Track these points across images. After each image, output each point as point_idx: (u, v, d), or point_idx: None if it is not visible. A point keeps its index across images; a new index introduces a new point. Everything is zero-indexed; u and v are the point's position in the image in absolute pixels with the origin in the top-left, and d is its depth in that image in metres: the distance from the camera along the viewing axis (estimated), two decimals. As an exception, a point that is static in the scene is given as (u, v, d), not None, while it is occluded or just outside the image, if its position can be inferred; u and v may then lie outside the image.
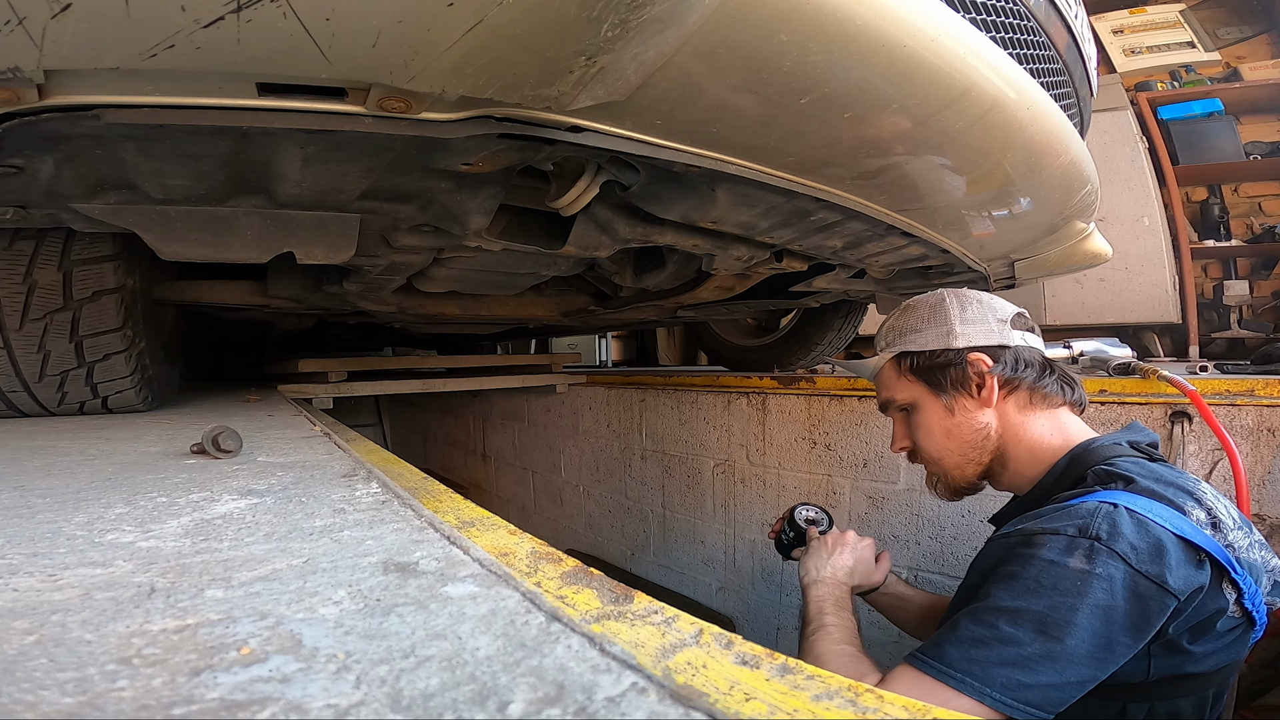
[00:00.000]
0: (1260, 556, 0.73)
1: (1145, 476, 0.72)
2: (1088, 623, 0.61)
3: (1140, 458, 0.79)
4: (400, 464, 0.84)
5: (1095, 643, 0.61)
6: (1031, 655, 0.61)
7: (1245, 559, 0.70)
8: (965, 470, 0.89)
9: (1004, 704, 0.60)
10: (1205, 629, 0.67)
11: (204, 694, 0.25)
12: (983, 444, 0.87)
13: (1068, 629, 0.61)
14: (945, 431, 0.88)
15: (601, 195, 0.83)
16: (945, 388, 0.87)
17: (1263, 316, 3.17)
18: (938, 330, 0.88)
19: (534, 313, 1.89)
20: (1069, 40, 0.92)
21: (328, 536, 0.47)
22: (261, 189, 0.72)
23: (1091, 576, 0.62)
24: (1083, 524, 0.66)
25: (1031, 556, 0.66)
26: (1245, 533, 0.73)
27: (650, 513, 2.58)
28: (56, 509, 0.55)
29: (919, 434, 0.92)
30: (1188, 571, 0.64)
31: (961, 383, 0.86)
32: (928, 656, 0.65)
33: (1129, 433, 0.85)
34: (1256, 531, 0.75)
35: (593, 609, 0.36)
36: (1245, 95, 3.29)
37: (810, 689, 0.28)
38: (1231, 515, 0.73)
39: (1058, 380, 0.87)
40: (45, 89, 0.49)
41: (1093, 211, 1.20)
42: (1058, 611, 0.62)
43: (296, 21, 0.42)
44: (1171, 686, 0.70)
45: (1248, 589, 0.68)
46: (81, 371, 1.14)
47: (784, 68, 0.56)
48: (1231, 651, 0.70)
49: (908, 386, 0.91)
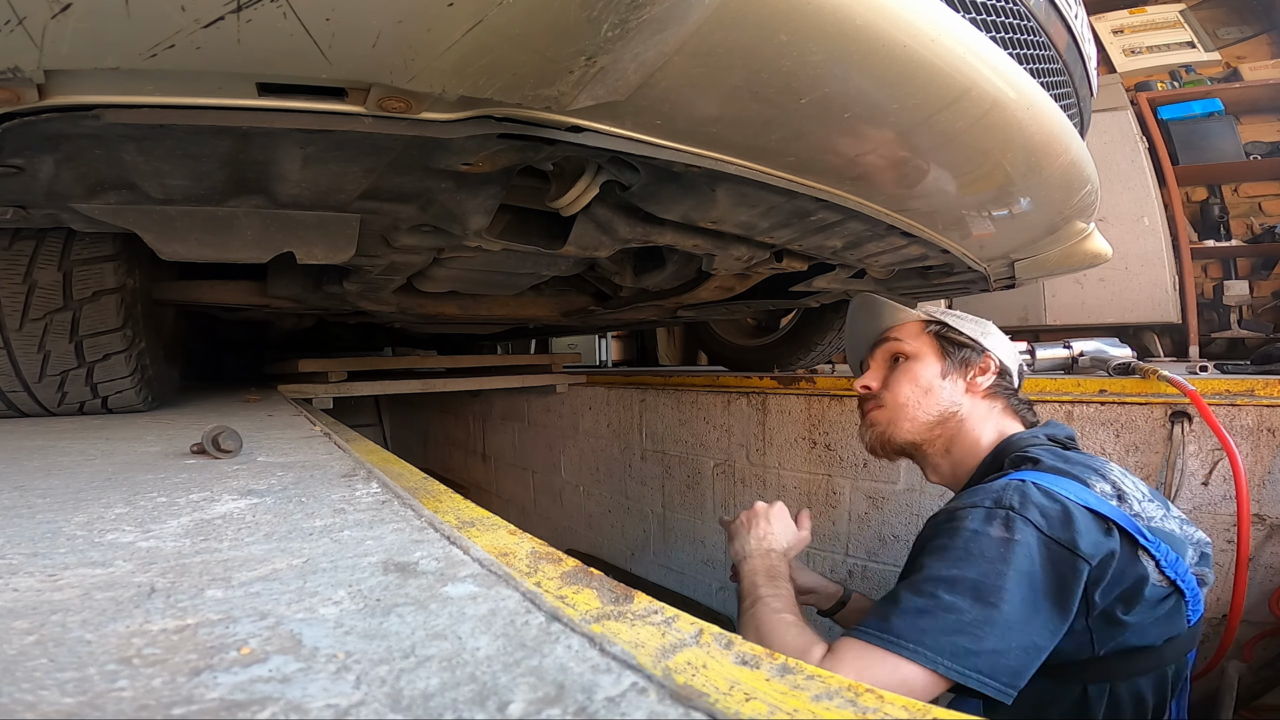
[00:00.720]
0: (1180, 529, 0.78)
1: (1053, 459, 0.81)
2: (1015, 588, 0.65)
3: (1055, 447, 0.88)
4: (400, 464, 0.84)
5: (1025, 608, 0.65)
6: (973, 622, 0.64)
7: (1160, 529, 0.75)
8: (914, 429, 0.96)
9: (956, 671, 0.63)
10: (1134, 598, 0.70)
11: (204, 694, 0.25)
12: (944, 418, 0.95)
13: (1000, 594, 0.65)
14: (926, 388, 0.95)
15: (601, 195, 0.83)
16: (954, 360, 0.96)
17: (1263, 316, 3.17)
18: (975, 329, 0.99)
19: (534, 313, 1.89)
20: (1069, 40, 0.92)
21: (328, 536, 0.47)
22: (261, 189, 0.72)
23: (1012, 543, 0.68)
24: (997, 497, 0.73)
25: (957, 529, 0.72)
26: (1159, 505, 0.80)
27: (650, 513, 2.58)
28: (56, 509, 0.55)
29: (900, 379, 0.97)
30: (1096, 538, 0.69)
31: (968, 364, 0.96)
32: (874, 629, 0.67)
33: (1047, 428, 0.94)
34: (1175, 508, 0.82)
35: (593, 609, 0.36)
36: (1245, 95, 3.29)
37: (810, 689, 0.28)
38: (1140, 490, 0.80)
39: (1025, 407, 0.99)
40: (45, 89, 0.49)
41: (1093, 211, 1.20)
42: (989, 578, 0.66)
43: (296, 21, 0.42)
44: (1125, 663, 0.73)
45: (1163, 556, 0.73)
46: (81, 371, 1.14)
47: (784, 68, 0.56)
48: (1170, 624, 0.74)
49: (921, 341, 0.98)
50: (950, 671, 0.63)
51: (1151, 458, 1.51)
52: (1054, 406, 1.63)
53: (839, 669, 0.62)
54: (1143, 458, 1.53)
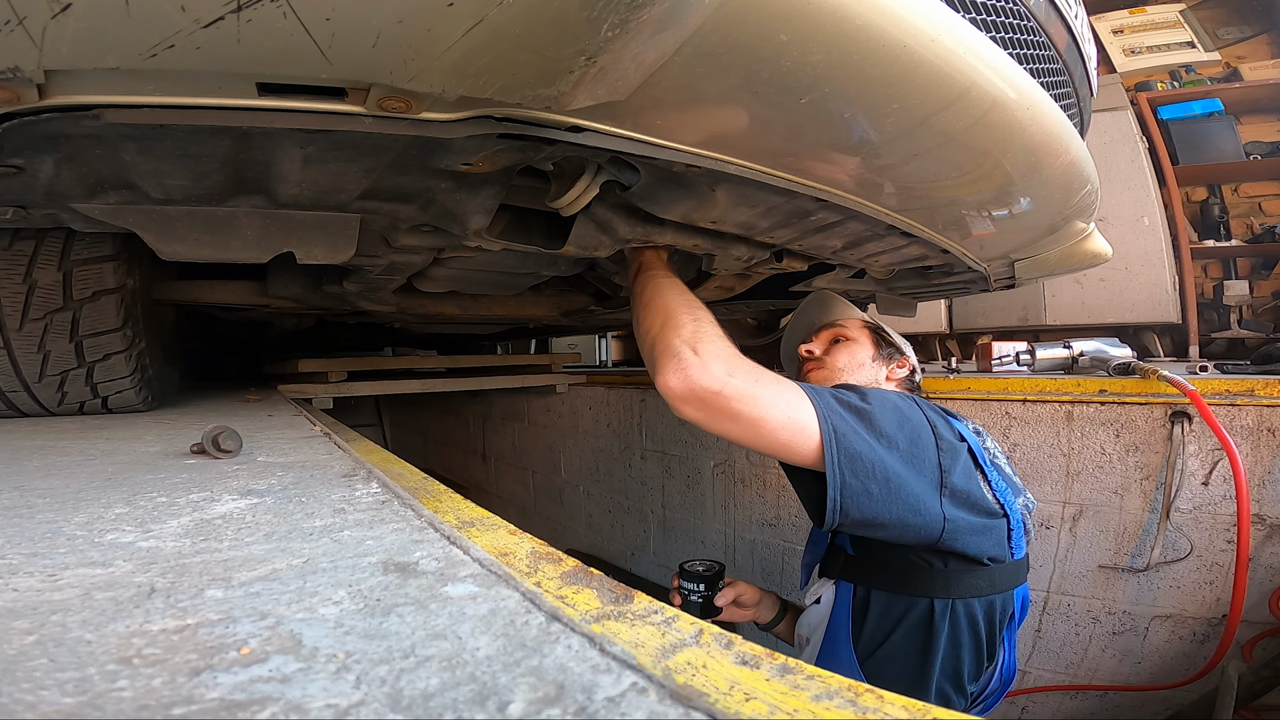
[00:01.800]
0: (1013, 477, 1.01)
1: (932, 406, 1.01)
2: (888, 412, 0.86)
3: None
4: (400, 464, 0.84)
5: (887, 424, 0.84)
6: (847, 404, 0.85)
7: (996, 466, 0.96)
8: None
9: (821, 415, 0.82)
10: (969, 501, 0.88)
11: (204, 694, 0.25)
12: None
13: (876, 409, 0.86)
14: (859, 364, 1.17)
15: (601, 195, 0.83)
16: (882, 349, 1.20)
17: (1263, 316, 3.16)
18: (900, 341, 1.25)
19: (534, 313, 1.89)
20: (1069, 40, 0.92)
21: (328, 536, 0.47)
22: (261, 189, 0.72)
23: (896, 396, 0.92)
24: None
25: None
26: (1006, 461, 1.02)
27: (650, 513, 2.58)
28: (56, 509, 0.55)
29: (840, 352, 1.19)
30: (950, 434, 0.90)
31: (891, 358, 1.20)
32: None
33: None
34: (1017, 477, 1.03)
35: (593, 609, 0.36)
36: (1245, 95, 3.28)
37: (810, 689, 0.28)
38: (997, 448, 1.03)
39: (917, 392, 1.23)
40: (45, 89, 0.49)
41: (1093, 211, 1.20)
42: (872, 398, 0.88)
43: (296, 21, 0.42)
44: (963, 579, 0.91)
45: (994, 480, 0.92)
46: (81, 371, 1.14)
47: (784, 68, 0.56)
48: (996, 539, 0.91)
49: (862, 332, 1.22)
50: (819, 406, 0.81)
51: (1151, 458, 1.51)
52: (1054, 406, 1.63)
53: (745, 360, 0.85)
54: (1143, 458, 1.53)
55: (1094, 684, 1.58)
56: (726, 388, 0.81)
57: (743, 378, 0.82)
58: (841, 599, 1.00)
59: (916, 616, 0.92)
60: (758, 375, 0.85)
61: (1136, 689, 1.53)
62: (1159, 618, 1.52)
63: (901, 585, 0.93)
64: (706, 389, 0.81)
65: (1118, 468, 1.55)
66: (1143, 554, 1.51)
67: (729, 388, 0.81)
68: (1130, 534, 1.54)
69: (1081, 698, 1.61)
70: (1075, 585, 1.61)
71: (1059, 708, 1.64)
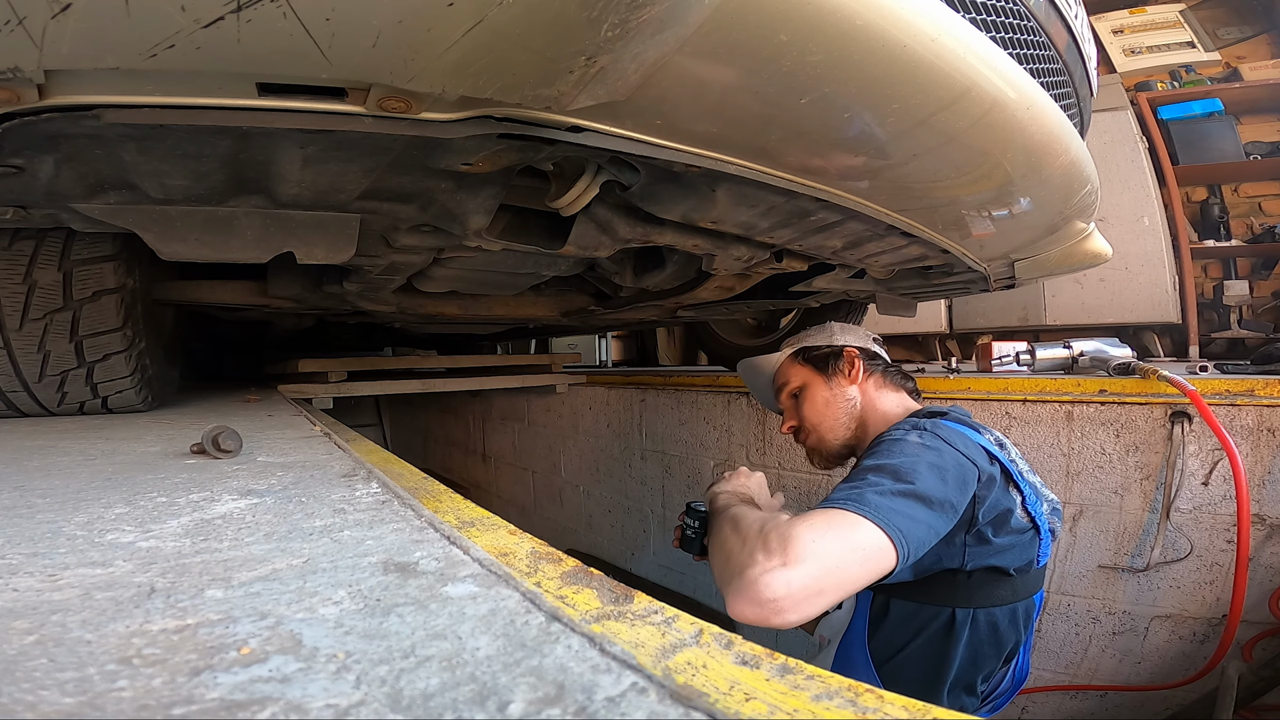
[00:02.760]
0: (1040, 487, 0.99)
1: (956, 414, 1.03)
2: (927, 473, 0.81)
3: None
4: (400, 464, 0.84)
5: (933, 489, 0.80)
6: (892, 491, 0.78)
7: (1028, 480, 0.96)
8: (838, 434, 1.15)
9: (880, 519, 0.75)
10: (1002, 524, 0.89)
11: (204, 694, 0.25)
12: (851, 412, 1.15)
13: (915, 476, 0.80)
14: (825, 402, 1.16)
15: (601, 195, 0.83)
16: (828, 371, 1.17)
17: (1263, 316, 3.16)
18: (825, 335, 1.24)
19: (534, 313, 1.89)
20: (1069, 40, 0.92)
21: (328, 536, 0.47)
22: (261, 189, 0.72)
23: (924, 447, 0.87)
24: (915, 422, 0.97)
25: (883, 440, 0.93)
26: (1029, 468, 1.00)
27: (650, 513, 2.58)
28: (56, 509, 0.55)
29: (805, 407, 1.18)
30: (984, 461, 0.90)
31: (838, 367, 1.17)
32: (821, 505, 0.78)
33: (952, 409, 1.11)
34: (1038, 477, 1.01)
35: (593, 609, 0.36)
36: (1245, 95, 3.28)
37: (810, 689, 0.28)
38: (1018, 454, 1.01)
39: (900, 374, 1.20)
40: (45, 89, 0.49)
41: (1093, 211, 1.20)
42: (906, 465, 0.82)
43: (296, 21, 0.42)
44: (986, 589, 0.91)
45: (1028, 495, 0.93)
46: (81, 371, 1.14)
47: (784, 68, 0.56)
48: (1025, 552, 0.92)
49: (801, 372, 1.21)
50: (876, 518, 0.74)
51: (1151, 458, 1.51)
52: (1054, 406, 1.63)
53: (796, 526, 0.72)
54: (1143, 458, 1.53)
55: (1094, 684, 1.58)
56: (793, 588, 0.69)
57: (801, 568, 0.70)
58: (862, 603, 1.01)
59: (938, 625, 0.92)
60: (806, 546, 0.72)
61: (1136, 689, 1.53)
62: (1159, 618, 1.52)
63: (924, 595, 0.93)
64: (779, 599, 0.69)
65: (1118, 468, 1.55)
66: (1143, 554, 1.51)
67: (795, 587, 0.69)
68: (1130, 534, 1.54)
69: (1081, 698, 1.61)
70: (1075, 585, 1.61)
71: (1059, 708, 1.64)
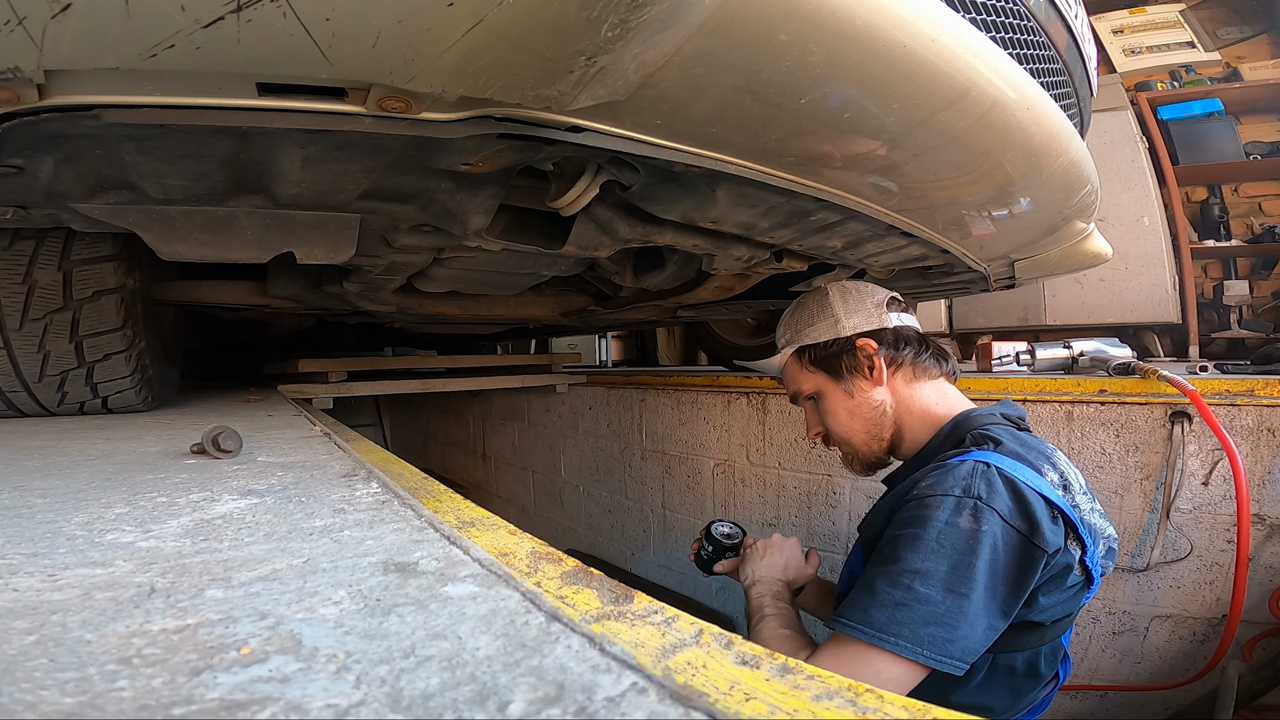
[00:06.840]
0: (1099, 523, 0.83)
1: (1012, 441, 0.84)
2: (982, 577, 0.70)
3: (1011, 427, 0.90)
4: (400, 464, 0.84)
5: (988, 594, 0.70)
6: (946, 613, 0.69)
7: (1087, 521, 0.81)
8: (872, 445, 0.99)
9: (934, 660, 0.68)
10: (1055, 584, 0.77)
11: (204, 694, 0.25)
12: (881, 419, 0.98)
13: (970, 585, 0.70)
14: (849, 413, 0.99)
15: (601, 195, 0.83)
16: (843, 374, 0.98)
17: (1263, 316, 3.16)
18: (826, 322, 1.00)
19: (534, 313, 1.89)
20: (1069, 40, 0.92)
21: (328, 536, 0.47)
22: (261, 189, 0.72)
23: (979, 534, 0.72)
24: (965, 485, 0.76)
25: (929, 518, 0.75)
26: (1089, 499, 0.84)
27: (650, 513, 2.58)
28: (56, 509, 0.55)
29: (827, 419, 1.02)
30: (1050, 527, 0.74)
31: (855, 367, 0.98)
32: (856, 622, 0.71)
33: (1002, 406, 0.96)
34: (1097, 501, 0.86)
35: (593, 609, 0.36)
36: (1245, 95, 3.28)
37: (810, 689, 0.28)
38: (1079, 481, 0.84)
39: (933, 355, 0.99)
40: (45, 89, 0.49)
41: (1093, 211, 1.20)
42: (959, 570, 0.70)
43: (296, 21, 0.42)
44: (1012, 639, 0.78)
45: (1089, 547, 0.79)
46: (81, 371, 1.14)
47: (784, 68, 0.56)
48: (1068, 606, 0.80)
49: (810, 377, 1.02)
50: (931, 660, 0.67)
51: (1151, 458, 1.51)
52: (1054, 406, 1.63)
53: (824, 665, 0.64)
54: (1143, 458, 1.53)
55: (1094, 684, 1.58)
56: None
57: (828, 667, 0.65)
58: None
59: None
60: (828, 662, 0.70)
61: (1136, 689, 1.53)
62: (1159, 618, 1.52)
63: None
64: None
65: (1118, 468, 1.55)
66: (1143, 554, 1.51)
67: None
68: (1130, 534, 1.54)
69: (1081, 698, 1.61)
70: (1075, 585, 1.61)
71: (1059, 708, 1.63)
